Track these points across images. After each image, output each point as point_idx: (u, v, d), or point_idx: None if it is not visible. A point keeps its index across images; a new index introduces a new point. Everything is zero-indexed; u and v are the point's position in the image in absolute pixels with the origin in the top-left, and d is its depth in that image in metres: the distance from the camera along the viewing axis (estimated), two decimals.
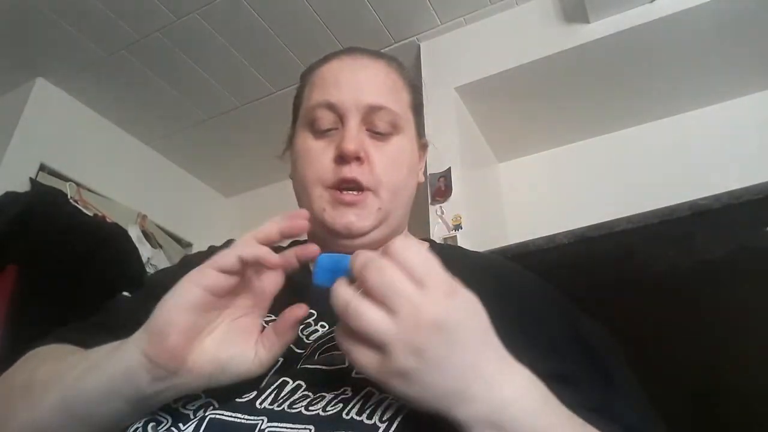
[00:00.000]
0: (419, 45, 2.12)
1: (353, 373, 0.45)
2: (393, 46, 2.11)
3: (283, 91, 2.32)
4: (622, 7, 1.72)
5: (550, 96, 1.99)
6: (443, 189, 1.79)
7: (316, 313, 0.56)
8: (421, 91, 0.76)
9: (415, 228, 0.73)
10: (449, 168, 1.81)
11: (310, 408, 0.43)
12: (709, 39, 1.74)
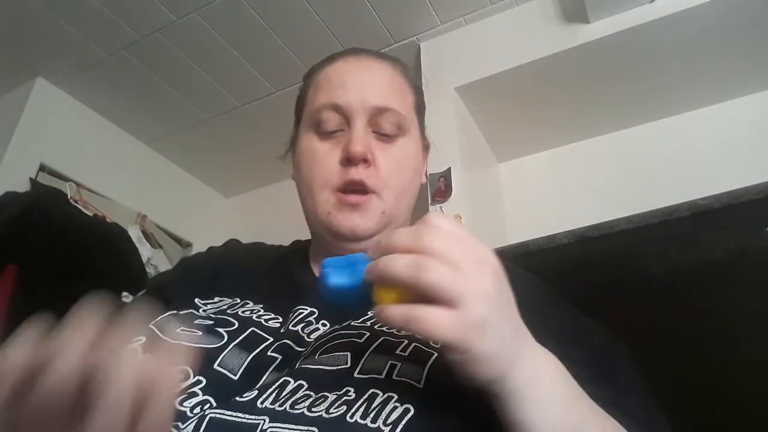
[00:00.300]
0: (419, 45, 2.12)
1: (356, 374, 0.45)
2: (393, 46, 2.11)
3: (283, 91, 2.32)
4: (622, 7, 1.72)
5: (550, 96, 1.99)
6: (443, 189, 1.79)
7: (317, 312, 0.56)
8: (423, 93, 0.77)
9: None
10: (449, 168, 1.81)
11: (313, 409, 0.42)
12: (709, 39, 1.74)
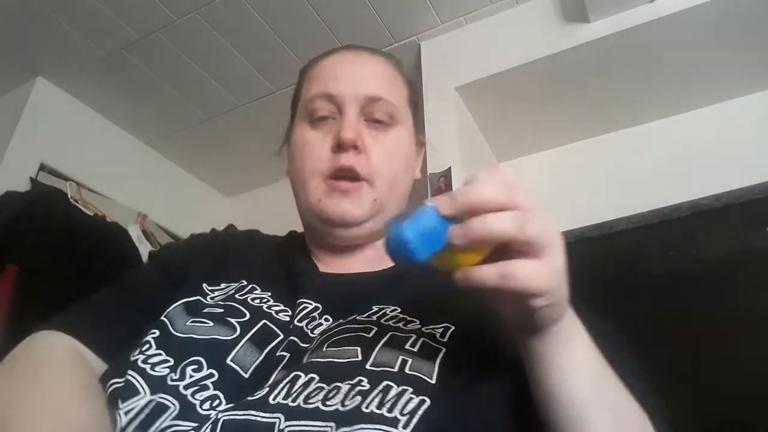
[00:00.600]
0: (419, 45, 2.12)
1: (368, 366, 0.45)
2: (393, 46, 2.11)
3: (283, 90, 2.31)
4: (622, 6, 1.72)
5: (550, 96, 1.99)
6: (443, 189, 1.79)
7: (321, 307, 0.56)
8: (418, 89, 0.77)
9: None
10: (449, 168, 1.81)
11: (328, 402, 0.41)
12: (709, 39, 1.74)
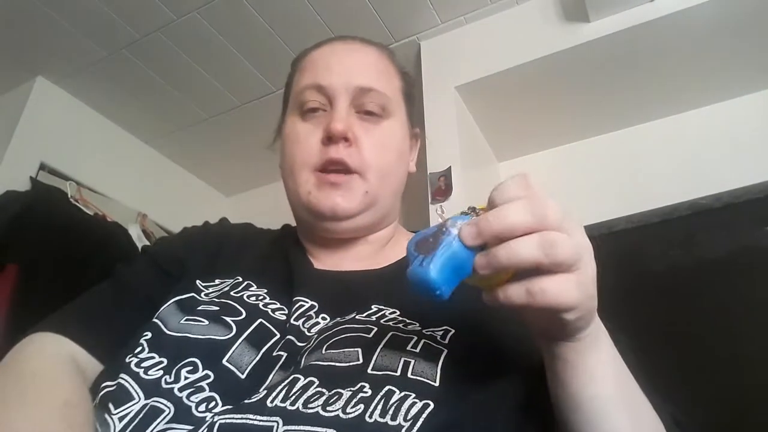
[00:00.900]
0: (419, 44, 2.12)
1: (370, 370, 0.43)
2: (393, 45, 2.11)
3: (283, 90, 2.31)
4: (623, 6, 1.72)
5: (550, 95, 1.99)
6: (443, 188, 1.79)
7: (317, 305, 0.55)
8: (413, 80, 0.76)
9: (415, 227, 0.72)
10: (449, 167, 1.81)
11: (328, 408, 0.40)
12: (709, 39, 1.73)
